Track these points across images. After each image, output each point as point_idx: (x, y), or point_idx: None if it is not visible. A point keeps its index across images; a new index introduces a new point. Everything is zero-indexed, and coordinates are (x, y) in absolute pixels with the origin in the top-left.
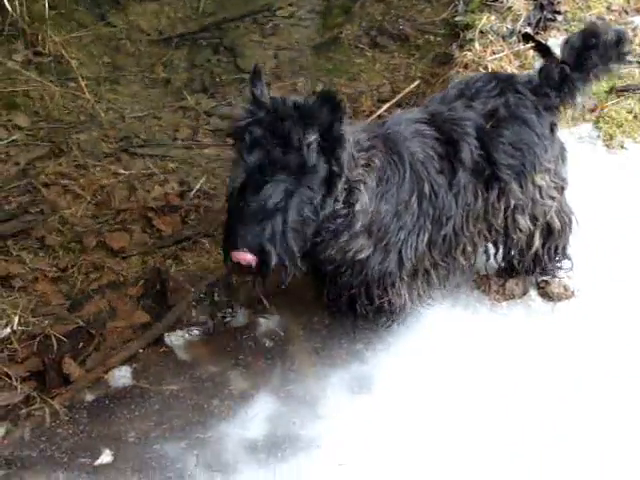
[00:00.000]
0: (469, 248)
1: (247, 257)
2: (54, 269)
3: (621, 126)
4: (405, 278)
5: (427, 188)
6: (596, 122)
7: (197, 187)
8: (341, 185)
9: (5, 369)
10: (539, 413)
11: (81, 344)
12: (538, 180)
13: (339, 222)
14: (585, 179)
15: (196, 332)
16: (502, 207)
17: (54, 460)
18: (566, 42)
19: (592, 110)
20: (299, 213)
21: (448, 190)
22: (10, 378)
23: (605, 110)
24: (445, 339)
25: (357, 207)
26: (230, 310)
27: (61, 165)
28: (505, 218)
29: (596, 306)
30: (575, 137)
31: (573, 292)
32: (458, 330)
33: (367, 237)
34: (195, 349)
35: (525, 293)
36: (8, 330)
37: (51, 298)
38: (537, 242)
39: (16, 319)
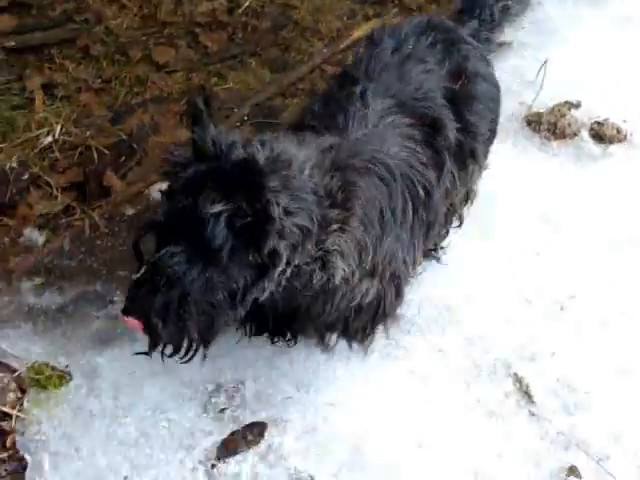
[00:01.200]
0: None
1: (132, 322)
2: (97, 80)
3: None
4: None
5: (421, 191)
6: None
7: (246, 4)
8: (282, 270)
9: (46, 178)
10: (590, 258)
11: (123, 157)
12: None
13: (322, 291)
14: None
15: None
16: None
17: (92, 271)
18: None
19: None
20: (206, 296)
21: (438, 187)
22: (51, 187)
23: None
24: (492, 174)
25: (336, 280)
26: (274, 132)
27: None
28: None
29: None
30: None
31: (626, 135)
32: (506, 166)
33: (371, 278)
34: None
35: (577, 133)
36: (50, 139)
37: (94, 109)
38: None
39: (58, 128)
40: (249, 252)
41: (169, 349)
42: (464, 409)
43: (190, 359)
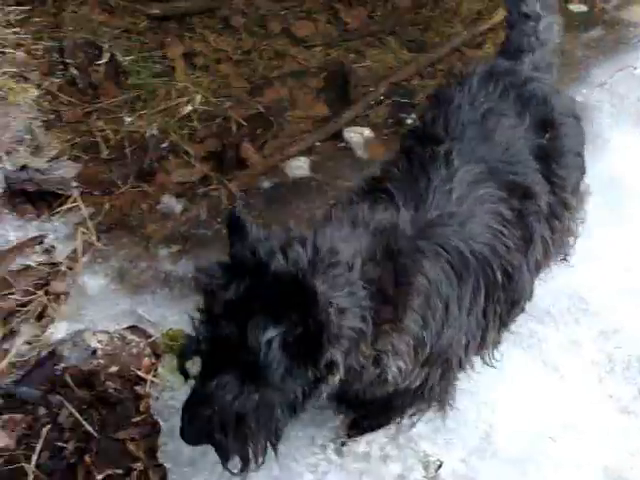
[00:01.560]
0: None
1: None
2: (237, 51)
3: None
4: None
5: (499, 277)
6: None
7: None
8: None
9: (185, 147)
10: None
11: (260, 130)
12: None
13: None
14: None
15: (374, 132)
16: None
17: (228, 241)
18: None
19: None
20: (262, 414)
21: (525, 265)
22: (189, 156)
23: None
24: (628, 160)
25: (389, 377)
26: (410, 114)
27: None
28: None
29: None
30: None
31: None
32: None
33: (423, 367)
34: (373, 148)
35: None
36: (190, 108)
37: (232, 80)
38: None
39: (198, 97)
40: (307, 368)
41: (236, 467)
42: (596, 403)
43: (262, 464)
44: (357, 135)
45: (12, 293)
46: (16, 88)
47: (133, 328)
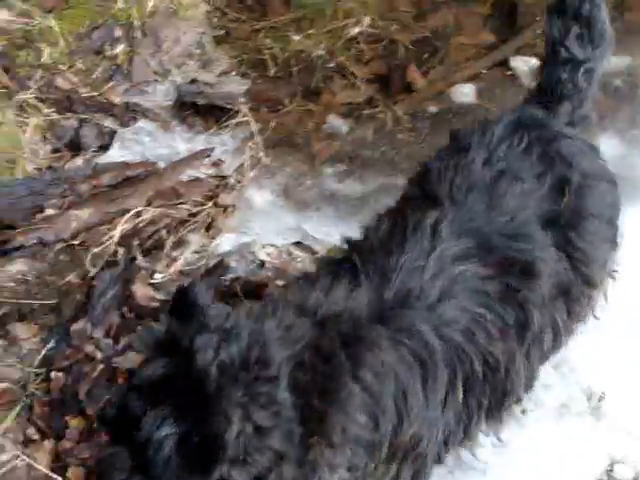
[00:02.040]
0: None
1: None
2: None
3: None
4: None
5: (478, 369)
6: None
7: None
8: None
9: (351, 68)
10: None
11: (425, 55)
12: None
13: None
14: None
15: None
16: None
17: (394, 164)
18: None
19: None
20: None
21: (519, 352)
22: (354, 77)
23: None
24: None
25: None
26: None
27: None
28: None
29: None
30: None
31: None
32: None
33: (389, 463)
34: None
35: None
36: (357, 29)
37: (399, 3)
38: None
39: (366, 19)
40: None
41: None
42: None
43: None
44: (524, 64)
45: (182, 203)
46: (186, 3)
47: (299, 244)
